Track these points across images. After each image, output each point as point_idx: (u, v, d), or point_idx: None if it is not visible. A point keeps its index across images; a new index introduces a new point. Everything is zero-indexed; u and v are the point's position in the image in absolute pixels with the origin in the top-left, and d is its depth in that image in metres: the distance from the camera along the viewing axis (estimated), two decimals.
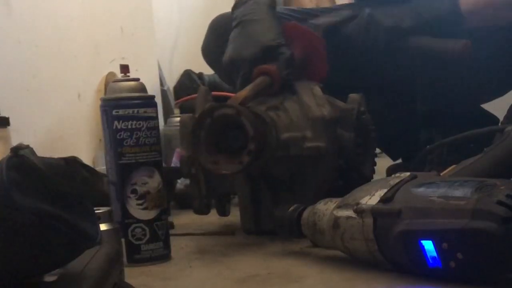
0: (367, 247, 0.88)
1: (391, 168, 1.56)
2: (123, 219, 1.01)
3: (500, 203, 0.77)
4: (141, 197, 1.01)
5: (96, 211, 0.81)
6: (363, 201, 0.89)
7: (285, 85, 1.20)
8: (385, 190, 0.88)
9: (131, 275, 0.92)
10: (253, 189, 1.20)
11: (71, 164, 1.22)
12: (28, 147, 0.73)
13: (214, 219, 1.30)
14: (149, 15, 2.16)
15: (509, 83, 1.56)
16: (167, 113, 2.17)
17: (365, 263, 0.91)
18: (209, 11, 2.03)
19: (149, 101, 1.04)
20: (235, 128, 1.08)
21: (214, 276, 0.96)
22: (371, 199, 0.89)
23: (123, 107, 1.01)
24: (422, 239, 0.82)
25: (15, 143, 0.90)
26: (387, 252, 0.87)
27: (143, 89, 1.04)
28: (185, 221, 1.37)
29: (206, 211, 1.20)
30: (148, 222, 1.02)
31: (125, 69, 1.05)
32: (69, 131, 1.73)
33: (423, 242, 0.82)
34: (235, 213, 1.26)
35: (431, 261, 0.82)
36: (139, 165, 1.01)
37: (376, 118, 1.25)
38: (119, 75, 1.06)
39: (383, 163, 1.59)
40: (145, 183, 1.02)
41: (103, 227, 0.92)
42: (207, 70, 2.13)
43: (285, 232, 1.03)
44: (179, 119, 1.25)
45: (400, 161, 1.67)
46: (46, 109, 1.66)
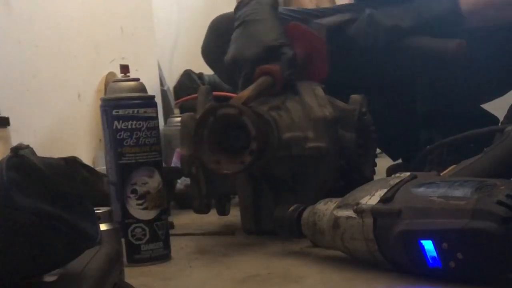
0: (367, 247, 0.88)
1: (391, 168, 1.56)
2: (123, 219, 1.01)
3: (500, 203, 0.77)
4: (141, 197, 1.01)
5: (96, 211, 0.81)
6: (363, 201, 0.89)
7: (287, 85, 1.20)
8: (385, 190, 0.88)
9: (131, 275, 0.92)
10: (254, 189, 1.20)
11: (71, 164, 1.22)
12: (28, 147, 0.73)
13: (214, 219, 1.30)
14: (149, 15, 2.16)
15: (509, 83, 1.56)
16: (167, 113, 2.17)
17: (365, 263, 0.91)
18: (209, 11, 2.04)
19: (149, 101, 1.04)
20: (237, 128, 1.07)
21: (214, 276, 0.95)
22: (371, 199, 0.89)
23: (123, 107, 1.01)
24: (422, 239, 0.82)
25: (15, 143, 0.90)
26: (387, 252, 0.87)
27: (143, 89, 1.04)
28: (185, 221, 1.37)
29: (206, 211, 1.20)
30: (148, 222, 1.02)
31: (125, 69, 1.05)
32: (69, 131, 1.73)
33: (423, 242, 0.82)
34: (235, 213, 1.26)
35: (431, 261, 0.82)
36: (139, 165, 1.01)
37: (376, 118, 1.25)
38: (119, 75, 1.06)
39: (383, 163, 1.59)
40: (145, 183, 1.01)
41: (103, 227, 0.92)
42: (207, 70, 2.13)
43: (285, 232, 1.03)
44: (179, 119, 1.25)
45: (400, 161, 1.67)
46: (46, 109, 1.66)
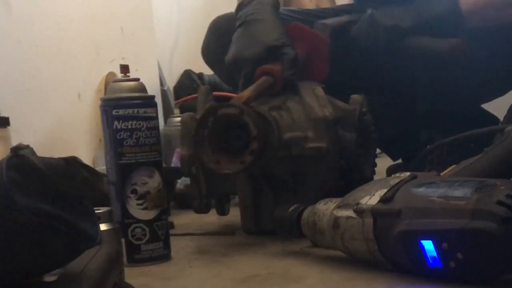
0: (367, 247, 0.88)
1: (391, 168, 1.56)
2: (123, 219, 1.01)
3: (500, 203, 0.77)
4: (141, 197, 1.01)
5: (96, 211, 0.81)
6: (363, 201, 0.89)
7: (288, 85, 1.20)
8: (385, 190, 0.88)
9: (131, 275, 0.92)
10: (254, 189, 1.20)
11: (71, 164, 1.22)
12: (28, 147, 0.73)
13: (214, 219, 1.30)
14: (149, 15, 2.16)
15: (509, 83, 1.56)
16: (167, 113, 2.17)
17: (365, 263, 0.91)
18: (209, 11, 2.04)
19: (149, 101, 1.03)
20: (238, 127, 1.07)
21: (214, 276, 0.95)
22: (371, 199, 0.89)
23: (123, 107, 1.01)
24: (422, 239, 0.82)
25: (15, 143, 0.90)
26: (387, 252, 0.87)
27: (143, 89, 1.04)
28: (185, 221, 1.37)
29: (206, 211, 1.20)
30: (148, 222, 1.02)
31: (125, 69, 1.05)
32: (69, 131, 1.73)
33: (423, 242, 0.82)
34: (235, 213, 1.26)
35: (431, 261, 0.82)
36: (139, 165, 1.01)
37: (376, 118, 1.25)
38: (119, 75, 1.06)
39: (383, 163, 1.59)
40: (145, 183, 1.01)
41: (103, 227, 0.92)
42: (207, 70, 2.13)
43: (285, 232, 1.03)
44: (179, 119, 1.25)
45: (400, 161, 1.67)
46: (46, 109, 1.66)
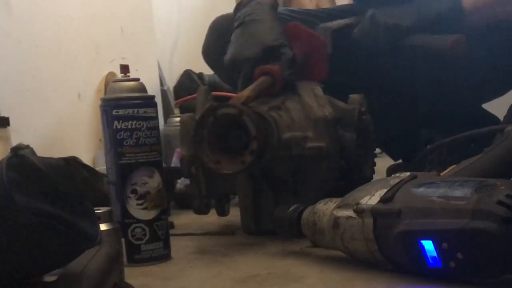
0: (367, 247, 0.88)
1: (391, 168, 1.56)
2: (123, 219, 1.01)
3: (500, 203, 0.77)
4: (141, 197, 1.01)
5: (96, 211, 0.81)
6: (363, 201, 0.89)
7: (287, 85, 1.20)
8: (385, 190, 0.88)
9: (131, 275, 0.92)
10: (254, 189, 1.20)
11: (71, 164, 1.22)
12: (28, 147, 0.73)
13: (214, 219, 1.29)
14: (149, 15, 2.16)
15: (509, 83, 1.56)
16: (167, 113, 2.17)
17: (365, 263, 0.91)
18: (209, 11, 2.04)
19: (149, 101, 1.03)
20: (237, 127, 1.07)
21: (214, 276, 0.95)
22: (371, 199, 0.89)
23: (123, 107, 1.01)
24: (422, 239, 0.82)
25: (15, 143, 0.90)
26: (387, 252, 0.87)
27: (143, 89, 1.04)
28: (185, 221, 1.37)
29: (206, 211, 1.20)
30: (148, 222, 1.02)
31: (125, 69, 1.05)
32: (69, 131, 1.73)
33: (423, 242, 0.82)
34: (235, 213, 1.26)
35: (431, 261, 0.82)
36: (139, 165, 1.01)
37: (376, 118, 1.25)
38: (119, 75, 1.06)
39: (383, 163, 1.59)
40: (145, 183, 1.01)
41: (103, 227, 0.92)
42: (207, 70, 2.13)
43: (285, 232, 1.03)
44: (179, 119, 1.25)
45: (400, 161, 1.67)
46: (46, 109, 1.66)
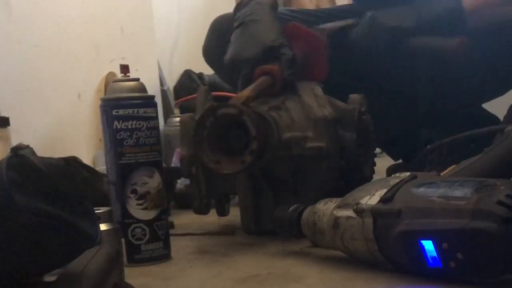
0: (367, 247, 0.88)
1: (391, 168, 1.56)
2: (123, 219, 1.01)
3: (500, 203, 0.77)
4: (141, 197, 1.01)
5: (96, 211, 0.81)
6: (363, 201, 0.89)
7: (287, 85, 1.20)
8: (385, 190, 0.88)
9: (131, 275, 0.92)
10: (254, 189, 1.20)
11: (71, 164, 1.22)
12: (28, 147, 0.73)
13: (214, 219, 1.29)
14: (149, 15, 2.16)
15: (509, 83, 1.56)
16: (167, 113, 2.17)
17: (365, 263, 0.91)
18: (209, 11, 2.04)
19: (149, 101, 1.03)
20: (237, 127, 1.07)
21: (214, 276, 0.95)
22: (371, 199, 0.89)
23: (123, 107, 1.01)
24: (422, 239, 0.82)
25: (15, 143, 0.90)
26: (387, 252, 0.87)
27: (143, 89, 1.04)
28: (185, 221, 1.37)
29: (206, 211, 1.20)
30: (148, 222, 1.02)
31: (125, 69, 1.05)
32: (69, 131, 1.74)
33: (423, 242, 0.82)
34: (235, 213, 1.26)
35: (431, 261, 0.82)
36: (139, 165, 1.01)
37: (376, 118, 1.25)
38: (119, 75, 1.06)
39: (383, 163, 1.59)
40: (145, 183, 1.01)
41: (103, 227, 0.92)
42: (207, 70, 2.13)
43: (285, 232, 1.03)
44: (179, 119, 1.25)
45: (400, 161, 1.67)
46: (46, 109, 1.66)
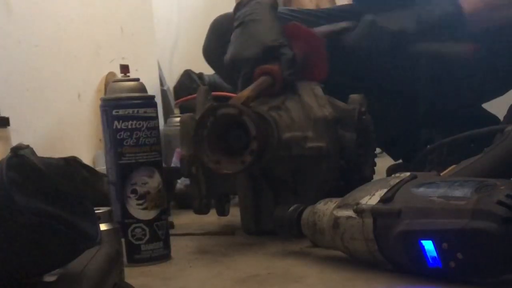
0: (367, 247, 0.88)
1: (391, 168, 1.56)
2: (123, 219, 1.01)
3: (500, 203, 0.77)
4: (141, 197, 1.01)
5: (96, 211, 0.81)
6: (363, 201, 0.89)
7: (287, 85, 1.20)
8: (385, 190, 0.88)
9: (131, 275, 0.92)
10: (254, 189, 1.20)
11: (71, 164, 1.22)
12: (28, 147, 0.73)
13: (214, 219, 1.29)
14: (149, 15, 2.16)
15: (509, 83, 1.56)
16: (167, 113, 2.17)
17: (365, 263, 0.91)
18: (209, 11, 2.04)
19: (149, 101, 1.03)
20: (237, 127, 1.07)
21: (214, 276, 0.95)
22: (371, 199, 0.89)
23: (123, 107, 1.01)
24: (422, 239, 0.82)
25: (15, 143, 0.90)
26: (387, 252, 0.87)
27: (143, 89, 1.04)
28: (185, 221, 1.37)
29: (206, 211, 1.20)
30: (148, 222, 1.02)
31: (125, 69, 1.05)
32: (69, 131, 1.73)
33: (423, 242, 0.82)
34: (235, 213, 1.26)
35: (431, 261, 0.82)
36: (139, 165, 1.01)
37: (376, 118, 1.25)
38: (119, 75, 1.06)
39: (383, 163, 1.59)
40: (145, 183, 1.01)
41: (103, 227, 0.92)
42: (207, 70, 2.13)
43: (285, 232, 1.03)
44: (179, 119, 1.25)
45: (400, 161, 1.67)
46: (46, 109, 1.66)
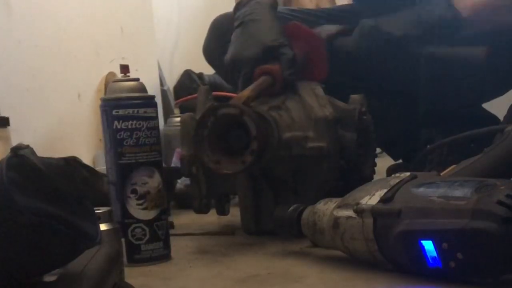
0: (367, 247, 0.88)
1: (391, 168, 1.56)
2: (123, 219, 1.01)
3: (500, 203, 0.77)
4: (141, 197, 1.01)
5: (96, 211, 0.81)
6: (363, 201, 0.89)
7: (287, 85, 1.20)
8: (385, 190, 0.88)
9: (131, 275, 0.92)
10: (254, 189, 1.20)
11: (71, 164, 1.22)
12: (28, 147, 0.73)
13: (214, 219, 1.30)
14: (149, 15, 2.16)
15: (509, 83, 1.56)
16: (167, 113, 2.17)
17: (365, 263, 0.91)
18: (209, 11, 2.04)
19: (149, 101, 1.03)
20: (238, 127, 1.07)
21: (214, 276, 0.95)
22: (371, 199, 0.89)
23: (123, 107, 1.01)
24: (422, 239, 0.82)
25: (15, 143, 0.90)
26: (387, 252, 0.87)
27: (143, 89, 1.04)
28: (185, 221, 1.37)
29: (206, 211, 1.20)
30: (148, 222, 1.02)
31: (125, 69, 1.05)
32: (69, 131, 1.73)
33: (423, 242, 0.82)
34: (235, 213, 1.26)
35: (431, 261, 0.82)
36: (139, 165, 1.01)
37: (376, 118, 1.25)
38: (119, 75, 1.06)
39: (383, 163, 1.59)
40: (145, 183, 1.01)
41: (103, 227, 0.92)
42: (207, 70, 2.13)
43: (285, 232, 1.03)
44: (179, 119, 1.25)
45: (400, 161, 1.67)
46: (46, 109, 1.66)
